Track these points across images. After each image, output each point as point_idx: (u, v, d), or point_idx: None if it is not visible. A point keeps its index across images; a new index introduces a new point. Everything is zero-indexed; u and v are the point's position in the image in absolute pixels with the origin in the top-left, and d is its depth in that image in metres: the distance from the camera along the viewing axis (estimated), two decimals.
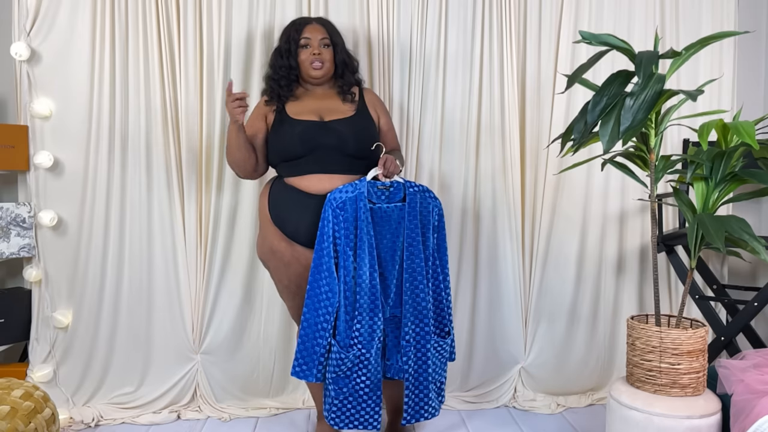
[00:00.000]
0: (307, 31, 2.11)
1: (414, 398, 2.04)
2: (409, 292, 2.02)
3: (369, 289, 1.95)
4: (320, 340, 1.95)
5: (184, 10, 2.40)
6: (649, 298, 2.65)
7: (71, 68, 2.36)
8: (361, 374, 1.97)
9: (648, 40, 2.58)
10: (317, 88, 2.16)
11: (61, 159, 2.37)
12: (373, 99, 2.21)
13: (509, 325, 2.59)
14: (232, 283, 2.49)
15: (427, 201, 2.06)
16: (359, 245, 1.95)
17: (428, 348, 2.04)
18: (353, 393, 1.98)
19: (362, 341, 1.95)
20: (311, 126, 2.03)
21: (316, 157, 2.01)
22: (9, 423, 1.69)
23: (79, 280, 2.41)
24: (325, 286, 1.94)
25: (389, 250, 2.01)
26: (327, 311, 1.94)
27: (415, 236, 2.02)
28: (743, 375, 1.83)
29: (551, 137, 2.54)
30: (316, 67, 2.09)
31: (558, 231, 2.59)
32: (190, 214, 2.46)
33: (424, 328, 2.04)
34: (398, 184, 2.02)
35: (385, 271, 2.02)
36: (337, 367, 1.95)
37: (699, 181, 1.82)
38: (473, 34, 2.53)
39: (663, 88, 1.61)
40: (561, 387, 2.61)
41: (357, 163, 2.04)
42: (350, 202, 1.94)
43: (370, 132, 2.09)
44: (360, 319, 1.95)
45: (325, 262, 1.94)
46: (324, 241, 1.94)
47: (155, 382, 2.47)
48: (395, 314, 2.04)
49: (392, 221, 2.00)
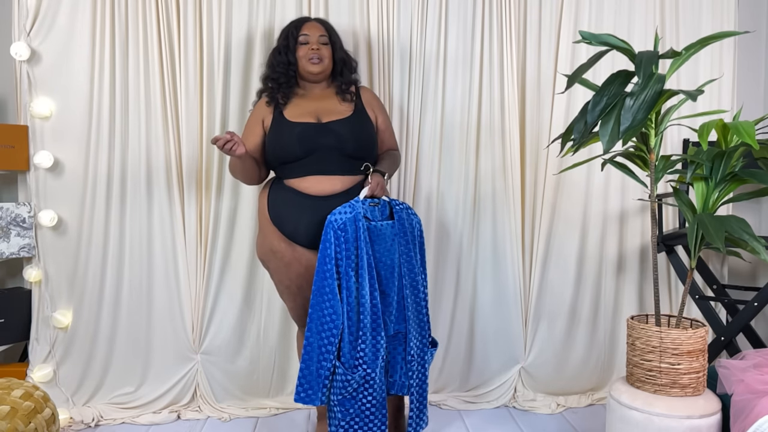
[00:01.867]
0: (306, 28, 2.12)
1: (416, 410, 2.08)
2: (411, 307, 2.03)
3: (370, 308, 1.94)
4: (325, 363, 1.92)
5: (184, 10, 2.40)
6: (649, 298, 2.65)
7: (71, 68, 2.36)
8: (367, 394, 1.95)
9: (648, 40, 2.58)
10: (315, 87, 2.16)
11: (61, 159, 2.37)
12: (370, 98, 2.20)
13: (509, 325, 2.59)
14: (232, 283, 2.49)
15: (410, 217, 2.08)
16: (360, 265, 1.94)
17: (426, 360, 2.10)
18: (359, 414, 1.96)
19: (367, 361, 1.93)
20: (309, 128, 2.02)
21: (314, 159, 2.01)
22: (9, 423, 1.69)
23: (79, 280, 2.41)
24: (329, 309, 1.92)
25: (388, 267, 2.01)
26: (331, 333, 1.92)
27: (410, 251, 2.03)
28: (743, 375, 1.83)
29: (551, 137, 2.54)
30: (315, 62, 2.09)
31: (558, 231, 2.59)
32: (190, 214, 2.46)
33: (422, 340, 2.08)
34: (384, 202, 2.03)
35: (387, 288, 2.01)
36: (343, 388, 1.93)
37: (699, 181, 1.82)
38: (473, 35, 2.53)
39: (663, 88, 1.61)
40: (561, 387, 2.61)
41: (355, 164, 2.04)
42: (350, 223, 1.93)
43: (368, 132, 2.09)
44: (364, 338, 1.93)
45: (328, 284, 1.92)
46: (326, 263, 1.92)
47: (155, 382, 2.47)
48: (399, 330, 2.04)
49: (387, 238, 2.00)
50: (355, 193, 2.01)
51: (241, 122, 2.45)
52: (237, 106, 2.44)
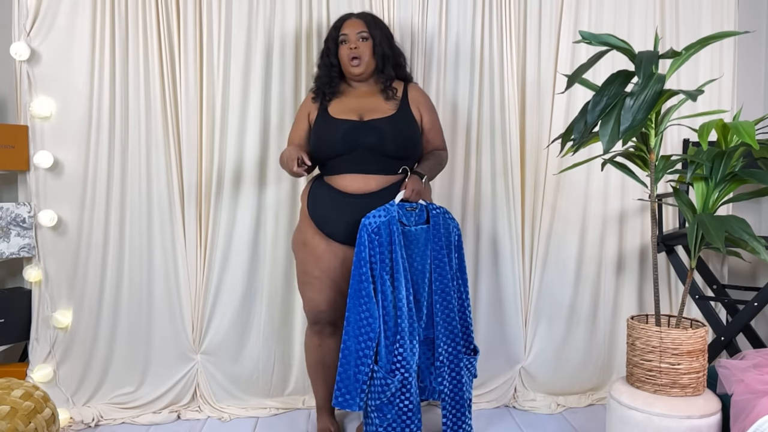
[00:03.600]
0: (346, 27, 2.13)
1: (452, 418, 2.06)
2: (440, 313, 2.02)
3: (407, 313, 1.93)
4: (363, 368, 1.90)
5: (184, 10, 2.40)
6: (649, 298, 2.64)
7: (71, 68, 2.36)
8: (404, 398, 1.93)
9: (648, 40, 2.57)
10: (361, 85, 2.17)
11: (61, 159, 2.37)
12: (417, 95, 2.18)
13: (509, 325, 2.59)
14: (232, 283, 2.49)
15: (447, 222, 2.07)
16: (395, 269, 1.94)
17: (461, 367, 2.07)
18: (397, 419, 1.94)
19: (405, 365, 1.92)
20: (351, 125, 2.04)
21: (354, 157, 2.02)
22: (9, 423, 1.69)
23: (79, 280, 2.41)
24: (365, 312, 1.91)
25: (419, 273, 2.01)
26: (369, 337, 1.90)
27: (442, 257, 2.02)
28: (743, 375, 1.83)
29: (551, 137, 2.54)
30: (354, 64, 2.10)
31: (558, 231, 2.59)
32: (190, 214, 2.46)
33: (456, 347, 2.06)
34: (421, 206, 2.02)
35: (417, 294, 2.01)
36: (382, 393, 1.91)
37: (699, 181, 1.82)
38: (473, 34, 2.53)
39: (663, 88, 1.61)
40: (561, 387, 2.61)
41: (396, 163, 2.04)
42: (384, 227, 1.93)
43: (410, 131, 2.08)
44: (402, 343, 1.92)
45: (364, 288, 1.91)
46: (362, 266, 1.91)
47: (155, 382, 2.47)
48: (428, 336, 2.04)
49: (420, 243, 2.00)
50: (391, 192, 2.02)
51: (242, 122, 2.45)
52: (237, 106, 2.44)
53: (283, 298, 2.52)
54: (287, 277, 2.52)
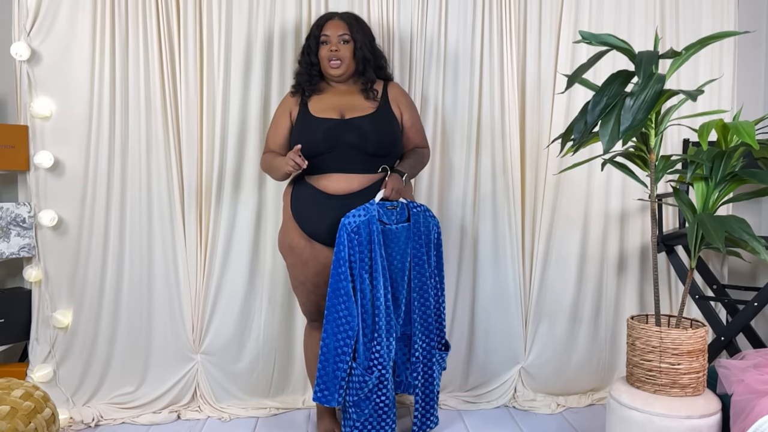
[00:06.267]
0: (328, 27, 2.12)
1: (422, 410, 2.13)
2: (417, 310, 2.05)
3: (385, 311, 1.96)
4: (341, 365, 1.94)
5: (184, 10, 2.40)
6: (650, 298, 2.64)
7: (71, 68, 2.36)
8: (381, 394, 1.98)
9: (648, 40, 2.57)
10: (341, 84, 2.17)
11: (61, 159, 2.37)
12: (398, 94, 2.19)
13: (509, 325, 2.59)
14: (232, 283, 2.49)
15: (427, 220, 2.08)
16: (374, 267, 1.96)
17: (434, 362, 2.13)
18: (373, 413, 1.99)
19: (382, 362, 1.96)
20: (332, 123, 2.04)
21: (335, 156, 2.02)
22: (9, 423, 1.69)
23: (79, 280, 2.41)
24: (344, 311, 1.93)
25: (399, 271, 2.03)
26: (347, 335, 1.94)
27: (422, 255, 2.05)
28: (743, 375, 1.83)
29: (551, 137, 2.54)
30: (334, 65, 2.10)
31: (558, 231, 2.59)
32: (190, 214, 2.46)
33: (430, 343, 2.11)
34: (402, 204, 2.03)
35: (396, 291, 2.03)
36: (360, 389, 1.95)
37: (699, 181, 1.82)
38: (473, 34, 2.53)
39: (663, 88, 1.61)
40: (561, 387, 2.61)
41: (377, 162, 2.04)
42: (364, 226, 1.94)
43: (390, 129, 2.09)
44: (380, 340, 1.95)
45: (342, 286, 1.93)
46: (341, 265, 1.93)
47: (155, 382, 2.47)
48: (405, 332, 2.07)
49: (400, 241, 2.01)
50: (373, 192, 2.02)
51: (241, 122, 2.45)
52: (237, 105, 2.44)
53: (283, 298, 2.52)
54: (287, 278, 2.51)
